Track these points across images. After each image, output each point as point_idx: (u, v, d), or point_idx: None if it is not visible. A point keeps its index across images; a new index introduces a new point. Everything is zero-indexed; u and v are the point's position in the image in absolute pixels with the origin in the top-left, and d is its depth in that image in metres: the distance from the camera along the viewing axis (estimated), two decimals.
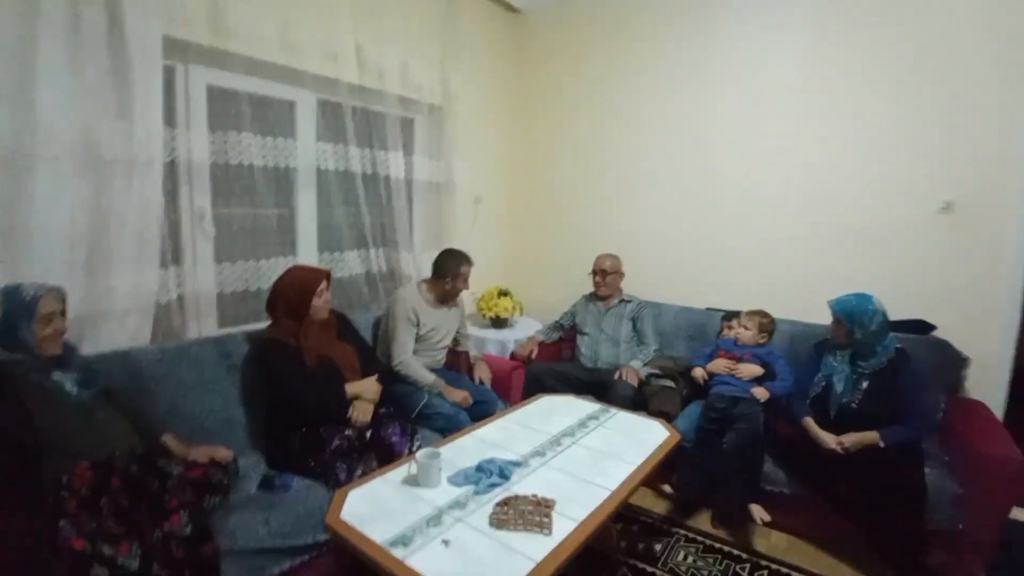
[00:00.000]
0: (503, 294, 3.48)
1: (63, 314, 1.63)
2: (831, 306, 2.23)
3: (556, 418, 2.18)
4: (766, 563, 2.14)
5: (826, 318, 2.29)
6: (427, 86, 3.06)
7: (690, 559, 2.17)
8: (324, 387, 2.07)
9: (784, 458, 2.28)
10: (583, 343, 3.11)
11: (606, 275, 3.08)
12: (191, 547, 1.46)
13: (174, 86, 2.14)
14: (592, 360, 3.04)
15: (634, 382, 2.72)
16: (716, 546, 2.24)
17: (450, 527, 1.43)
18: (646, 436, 2.04)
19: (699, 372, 2.60)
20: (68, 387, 1.59)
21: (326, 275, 2.17)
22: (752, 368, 2.49)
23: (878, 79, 2.61)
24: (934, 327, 2.51)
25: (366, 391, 2.13)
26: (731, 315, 2.82)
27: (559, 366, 2.99)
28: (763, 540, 2.29)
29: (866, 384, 2.18)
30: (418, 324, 2.57)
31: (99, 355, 1.85)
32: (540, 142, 3.81)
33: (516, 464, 1.76)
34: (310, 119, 2.62)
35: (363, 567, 1.35)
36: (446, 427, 2.32)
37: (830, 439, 2.11)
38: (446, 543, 1.36)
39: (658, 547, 2.23)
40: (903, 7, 2.53)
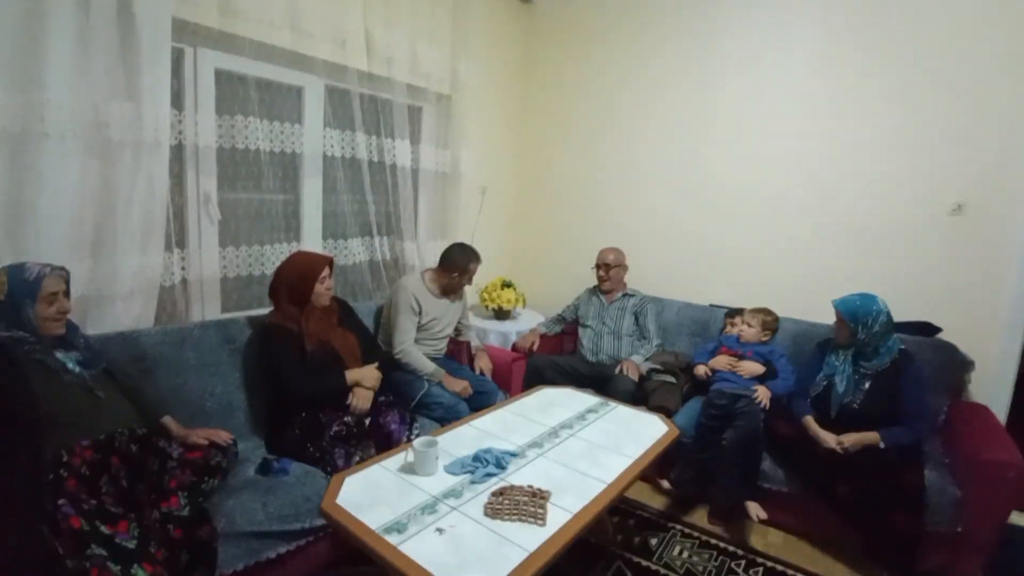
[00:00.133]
0: (506, 285, 3.48)
1: (67, 294, 1.64)
2: (835, 305, 2.21)
3: (555, 410, 2.18)
4: (762, 560, 2.14)
5: (830, 317, 2.28)
6: (436, 75, 3.04)
7: (686, 554, 2.17)
8: (324, 373, 2.08)
9: (783, 457, 2.28)
10: (585, 335, 3.10)
11: (610, 269, 3.07)
12: (189, 528, 1.47)
13: (182, 69, 2.14)
14: (593, 353, 3.03)
15: (635, 377, 2.72)
16: (712, 542, 2.24)
17: (445, 515, 1.43)
18: (645, 430, 2.04)
19: (702, 369, 2.60)
20: (70, 366, 1.59)
21: (329, 262, 2.17)
22: (753, 366, 2.48)
23: (886, 77, 2.57)
24: (939, 329, 2.49)
25: (366, 378, 2.14)
26: (734, 312, 2.81)
27: (560, 359, 2.99)
28: (760, 538, 2.29)
29: (868, 384, 2.17)
30: (420, 313, 2.57)
31: (102, 336, 1.86)
32: (547, 134, 3.79)
33: (513, 455, 1.76)
34: (318, 105, 2.61)
35: (359, 553, 1.35)
36: (445, 417, 2.32)
37: (830, 438, 2.10)
38: (440, 531, 1.37)
39: (654, 541, 2.23)
40: (912, 5, 2.48)
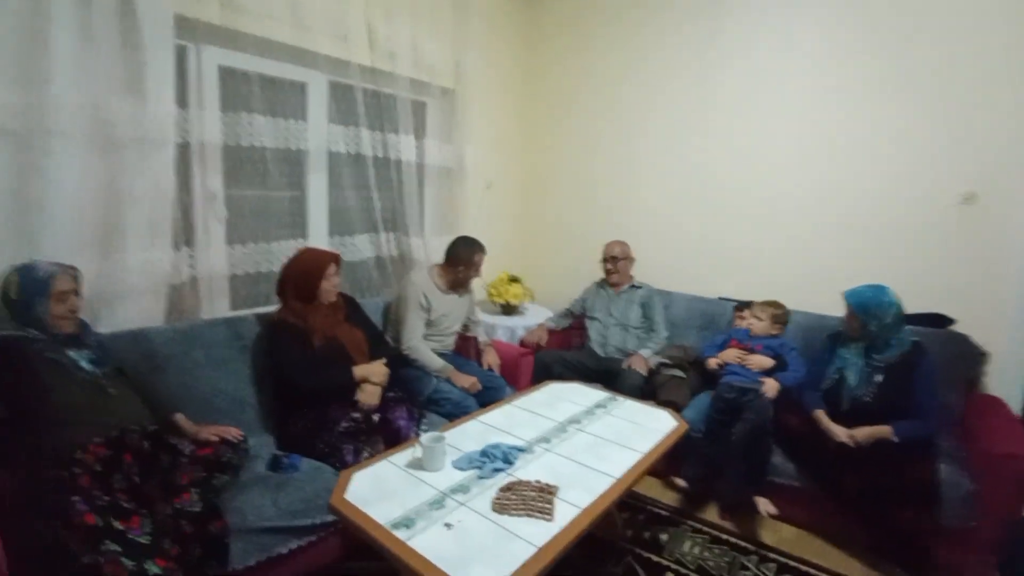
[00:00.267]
0: (513, 280, 3.47)
1: (77, 293, 1.66)
2: (845, 298, 2.18)
3: (563, 405, 2.18)
4: (774, 556, 2.13)
5: (841, 310, 2.25)
6: (439, 68, 3.03)
7: (696, 549, 2.16)
8: (331, 368, 2.09)
9: (793, 451, 2.26)
10: (592, 328, 3.09)
11: (617, 261, 3.06)
12: (201, 524, 1.48)
13: (186, 66, 2.14)
14: (601, 345, 3.02)
15: (643, 371, 2.71)
16: (723, 537, 2.23)
17: (453, 511, 1.43)
18: (653, 425, 2.03)
19: (713, 361, 2.57)
20: (82, 364, 1.61)
21: (335, 258, 2.18)
22: (763, 360, 2.45)
23: (894, 67, 2.52)
24: (953, 321, 2.45)
25: (374, 374, 2.15)
26: (744, 305, 2.78)
27: (568, 354, 2.99)
28: (772, 533, 2.27)
29: (880, 378, 2.14)
30: (428, 309, 2.57)
31: (113, 334, 1.88)
32: (552, 127, 3.76)
33: (520, 450, 1.76)
34: (321, 101, 2.61)
35: (368, 548, 1.36)
36: (454, 412, 2.32)
37: (841, 432, 2.08)
38: (448, 526, 1.37)
39: (664, 537, 2.23)
40: None
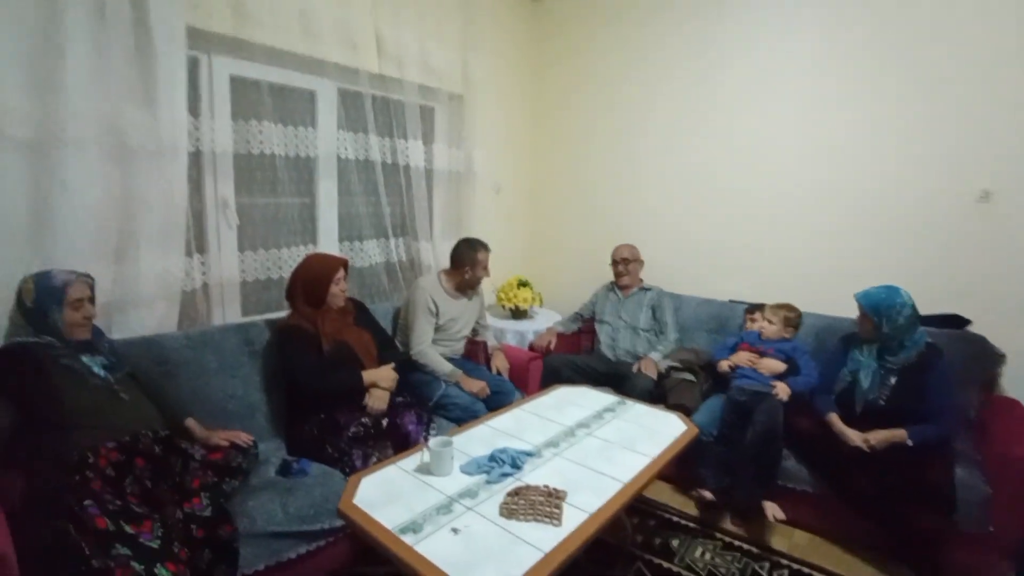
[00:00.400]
0: (523, 285, 3.47)
1: (92, 300, 1.68)
2: (857, 299, 2.15)
3: (571, 409, 2.17)
4: (787, 562, 2.10)
5: (853, 311, 2.22)
6: (447, 74, 3.05)
7: (708, 556, 2.14)
8: (341, 372, 2.10)
9: (806, 455, 2.23)
10: (602, 332, 3.08)
11: (628, 263, 3.06)
12: (210, 528, 1.49)
13: (198, 76, 2.18)
14: (611, 348, 3.01)
15: (653, 374, 2.69)
16: (735, 543, 2.20)
17: (460, 515, 1.43)
18: (662, 429, 2.01)
19: (725, 364, 2.54)
20: (96, 370, 1.64)
21: (343, 263, 2.19)
22: (774, 364, 2.42)
23: (907, 62, 2.48)
24: (969, 322, 2.40)
25: (382, 379, 2.16)
26: (755, 307, 2.76)
27: (577, 358, 2.97)
28: (785, 539, 2.24)
29: (894, 380, 2.10)
30: (437, 314, 2.58)
31: (127, 340, 1.91)
32: (560, 131, 3.76)
33: (529, 454, 1.75)
34: (331, 108, 2.64)
35: (378, 553, 1.36)
36: (463, 417, 2.32)
37: (856, 436, 2.05)
38: (455, 531, 1.36)
39: (675, 543, 2.20)
40: None
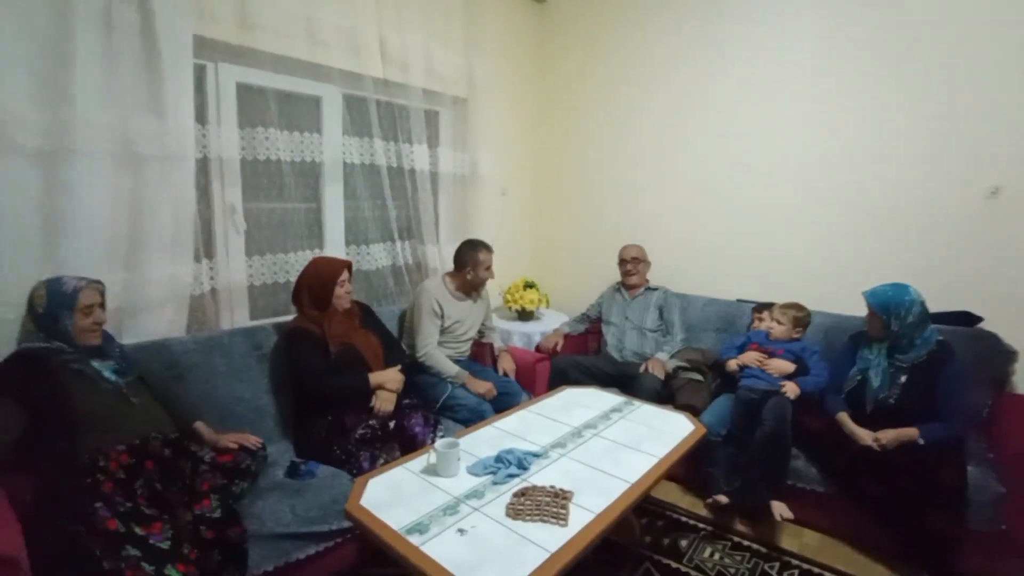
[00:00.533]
0: (529, 286, 3.47)
1: (102, 306, 1.71)
2: (866, 297, 2.14)
3: (578, 410, 2.16)
4: (797, 562, 2.08)
5: (862, 310, 2.20)
6: (451, 78, 3.07)
7: (717, 556, 2.12)
8: (347, 373, 2.12)
9: (815, 455, 2.21)
10: (609, 333, 3.08)
11: (638, 263, 3.05)
12: (220, 529, 1.51)
13: (205, 84, 2.21)
14: (618, 349, 3.01)
15: (660, 375, 2.68)
16: (745, 544, 2.19)
17: (466, 516, 1.44)
18: (670, 429, 2.01)
19: (733, 363, 2.51)
20: (106, 375, 1.66)
21: (347, 265, 2.21)
22: (783, 365, 2.39)
23: (917, 59, 2.46)
24: (980, 319, 2.37)
25: (389, 381, 2.16)
26: (763, 306, 2.74)
27: (584, 359, 2.97)
28: (795, 539, 2.23)
29: (904, 378, 2.09)
30: (442, 316, 2.59)
31: (136, 345, 1.93)
32: (564, 133, 3.77)
33: (535, 455, 1.75)
34: (336, 114, 2.66)
35: (385, 554, 1.36)
36: (469, 418, 2.33)
37: (866, 435, 2.03)
38: (462, 532, 1.37)
39: (684, 543, 2.19)
40: None
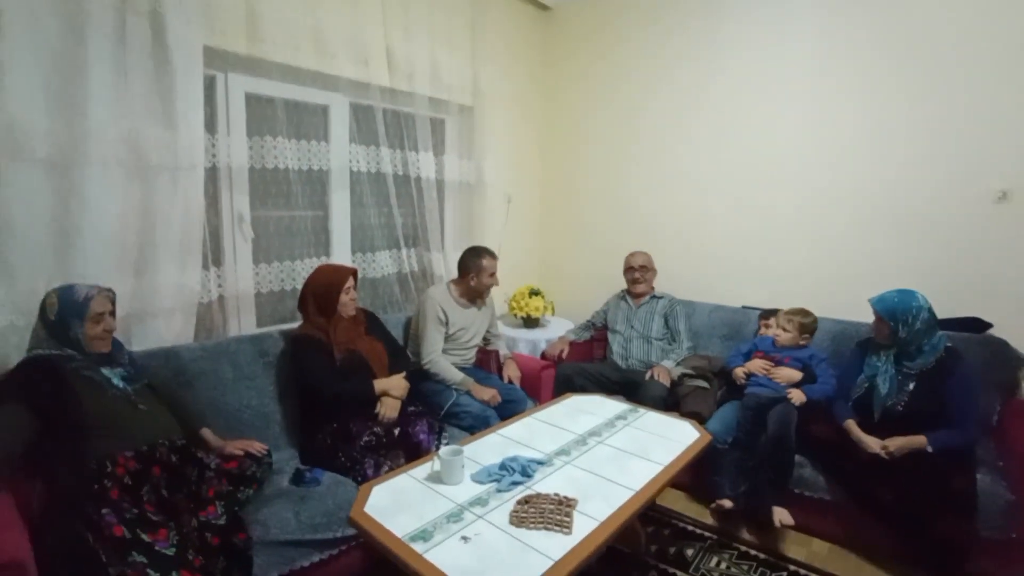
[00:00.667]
0: (534, 294, 3.48)
1: (112, 314, 1.72)
2: (872, 304, 2.12)
3: (583, 417, 2.16)
4: (805, 571, 2.06)
5: (870, 316, 2.18)
6: (457, 87, 3.09)
7: (724, 565, 2.10)
8: (353, 380, 2.13)
9: (823, 463, 2.19)
10: (614, 341, 3.07)
11: (646, 271, 3.05)
12: (225, 536, 1.52)
13: (214, 94, 2.24)
14: (623, 358, 3.00)
15: (666, 382, 2.67)
16: (751, 552, 2.17)
17: (470, 524, 1.44)
18: (675, 436, 2.00)
19: (740, 371, 2.50)
20: (115, 382, 1.67)
21: (352, 273, 2.23)
22: (790, 373, 2.37)
23: (922, 61, 2.46)
24: (990, 325, 2.36)
25: (394, 388, 2.18)
26: (769, 313, 2.72)
27: (589, 366, 2.97)
28: (803, 547, 2.20)
29: (912, 385, 2.07)
30: (447, 323, 2.60)
31: (145, 352, 1.95)
32: (570, 140, 3.78)
33: (540, 462, 1.75)
34: (343, 122, 2.68)
35: (390, 562, 1.37)
36: (474, 425, 2.33)
37: (874, 443, 2.01)
38: (465, 539, 1.37)
39: (690, 552, 2.18)
40: None
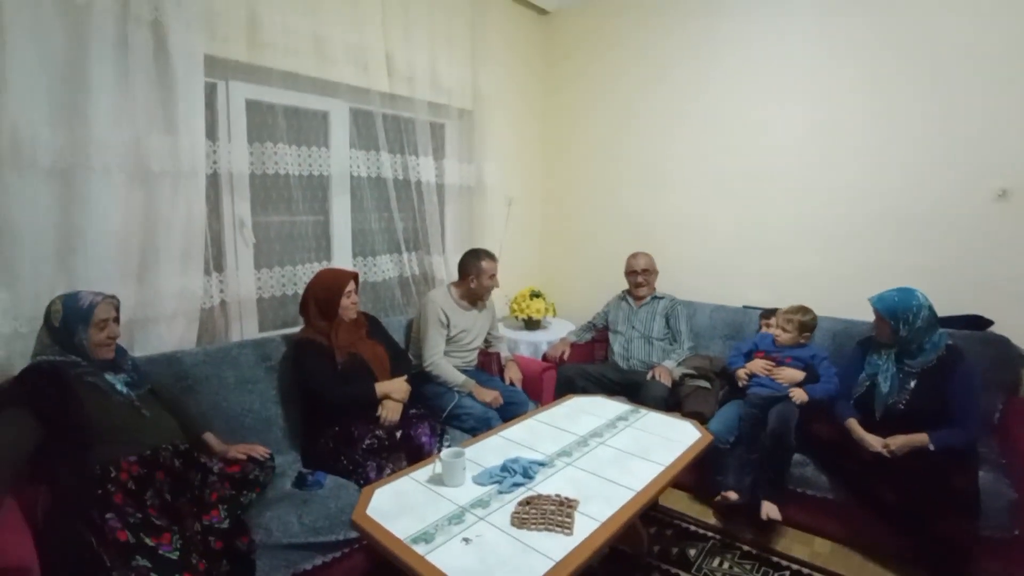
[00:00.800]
0: (535, 295, 3.49)
1: (116, 320, 1.74)
2: (872, 303, 2.12)
3: (585, 418, 2.17)
4: (808, 571, 2.06)
5: (871, 315, 2.18)
6: (456, 91, 3.11)
7: (726, 565, 2.10)
8: (354, 383, 2.14)
9: (825, 461, 2.19)
10: (616, 342, 3.08)
11: (648, 274, 3.05)
12: (228, 540, 1.53)
13: (215, 101, 2.26)
14: (624, 359, 3.00)
15: (667, 382, 2.68)
16: (754, 552, 2.17)
17: (472, 525, 1.44)
18: (676, 437, 2.01)
19: (743, 373, 2.50)
20: (119, 388, 1.68)
21: (353, 276, 2.24)
22: (792, 374, 2.37)
23: (921, 58, 2.46)
24: (991, 322, 2.35)
25: (395, 391, 2.19)
26: (770, 312, 2.73)
27: (591, 367, 2.97)
28: (805, 547, 2.20)
29: (914, 383, 2.07)
30: (448, 325, 2.61)
31: (148, 357, 1.97)
32: (570, 142, 3.80)
33: (541, 464, 1.76)
34: (343, 128, 2.70)
35: (393, 565, 1.37)
36: (476, 427, 2.34)
37: (876, 442, 2.01)
38: (467, 541, 1.38)
39: (692, 552, 2.18)
40: None
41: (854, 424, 2.11)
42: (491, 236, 3.36)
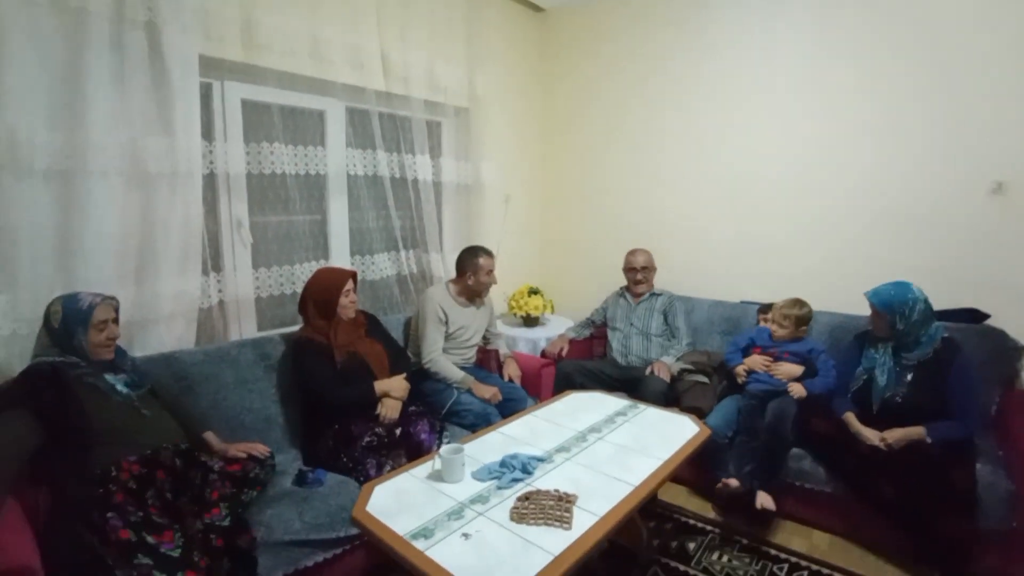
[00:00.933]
0: (533, 292, 3.49)
1: (116, 321, 1.75)
2: (868, 297, 2.13)
3: (583, 414, 2.17)
4: (806, 563, 2.07)
5: (867, 309, 2.19)
6: (453, 89, 3.11)
7: (725, 558, 2.12)
8: (354, 382, 2.15)
9: (823, 455, 2.20)
10: (614, 338, 3.08)
11: (648, 271, 3.06)
12: (229, 537, 1.54)
13: (211, 101, 2.25)
14: (623, 355, 3.01)
15: (666, 377, 2.69)
16: (753, 545, 2.18)
17: (471, 521, 1.45)
18: (674, 432, 2.01)
19: (740, 371, 2.51)
20: (119, 388, 1.70)
21: (351, 275, 2.25)
22: (791, 369, 2.38)
23: (917, 54, 2.47)
24: (987, 315, 2.36)
25: (394, 389, 2.19)
26: (767, 307, 2.73)
27: (589, 363, 2.98)
28: (804, 540, 2.22)
29: (911, 376, 2.08)
30: (447, 322, 2.61)
31: (147, 357, 1.98)
32: (566, 139, 3.80)
33: (540, 459, 1.77)
34: (339, 127, 2.70)
35: (393, 561, 1.38)
36: (475, 424, 2.35)
37: (873, 435, 2.03)
38: (466, 536, 1.38)
39: (692, 546, 2.19)
40: None
41: (851, 418, 2.13)
42: (489, 233, 3.36)
